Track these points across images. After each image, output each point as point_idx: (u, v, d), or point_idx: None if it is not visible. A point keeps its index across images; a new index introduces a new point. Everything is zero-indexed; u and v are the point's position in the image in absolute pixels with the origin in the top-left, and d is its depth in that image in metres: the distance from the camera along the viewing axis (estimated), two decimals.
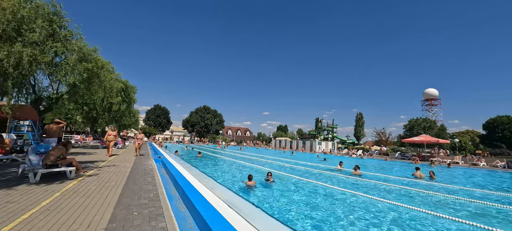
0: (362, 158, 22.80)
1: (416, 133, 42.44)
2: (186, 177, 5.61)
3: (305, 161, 16.16)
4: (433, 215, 4.63)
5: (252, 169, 10.62)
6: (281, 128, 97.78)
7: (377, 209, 4.99)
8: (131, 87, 27.70)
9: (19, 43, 7.25)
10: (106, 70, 14.35)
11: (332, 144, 37.78)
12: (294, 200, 5.56)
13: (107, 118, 26.58)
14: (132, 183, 5.06)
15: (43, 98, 13.67)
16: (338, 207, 5.16)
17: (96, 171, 6.34)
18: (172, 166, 7.45)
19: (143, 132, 50.60)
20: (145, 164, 8.42)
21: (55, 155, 5.31)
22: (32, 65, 7.58)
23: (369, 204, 5.39)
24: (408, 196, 6.61)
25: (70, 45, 8.82)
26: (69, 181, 4.91)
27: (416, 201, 5.99)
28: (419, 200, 6.10)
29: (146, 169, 7.27)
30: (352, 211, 4.83)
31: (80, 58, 9.01)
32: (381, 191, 6.97)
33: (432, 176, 9.06)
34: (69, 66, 8.76)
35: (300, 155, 24.06)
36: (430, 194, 6.74)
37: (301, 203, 5.35)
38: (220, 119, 61.96)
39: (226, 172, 9.72)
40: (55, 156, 5.28)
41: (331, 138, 51.51)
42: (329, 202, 5.49)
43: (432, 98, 69.97)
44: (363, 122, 75.30)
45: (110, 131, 9.81)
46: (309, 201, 5.49)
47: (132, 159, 10.15)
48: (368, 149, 30.38)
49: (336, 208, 5.04)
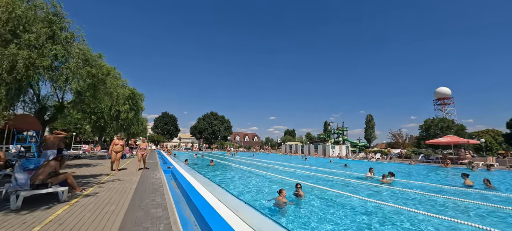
0: (382, 162, 21.21)
1: (433, 133, 40.08)
2: (204, 196, 4.55)
3: (323, 167, 14.84)
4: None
5: (270, 180, 9.48)
6: (288, 132, 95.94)
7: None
8: (138, 95, 27.22)
9: (13, 45, 6.50)
10: (112, 77, 13.69)
11: (346, 148, 36.06)
12: (339, 222, 4.39)
13: (115, 127, 26.07)
14: (137, 207, 4.04)
15: (47, 107, 13.09)
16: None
17: (96, 189, 5.38)
18: (185, 180, 6.42)
19: (150, 140, 49.82)
20: (153, 177, 7.44)
21: (45, 172, 4.37)
22: (29, 70, 6.81)
23: (440, 225, 4.17)
24: (472, 211, 5.31)
25: (71, 48, 8.07)
26: (60, 205, 3.94)
27: (489, 220, 4.70)
28: (495, 219, 4.81)
29: (154, 184, 6.26)
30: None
31: (82, 61, 8.22)
32: (435, 205, 5.69)
33: (488, 184, 7.64)
34: (70, 71, 8.00)
35: (313, 161, 22.68)
36: (501, 209, 5.41)
37: (349, 226, 4.18)
38: (228, 125, 61.11)
39: (245, 183, 8.60)
40: (45, 173, 4.35)
41: (342, 141, 49.67)
42: (389, 225, 4.29)
43: (444, 97, 66.89)
44: (373, 124, 72.74)
45: (117, 140, 8.32)
46: (356, 222, 4.32)
47: (140, 170, 9.22)
48: (386, 152, 28.59)
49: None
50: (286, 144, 49.43)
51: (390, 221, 4.47)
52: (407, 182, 9.31)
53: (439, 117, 48.67)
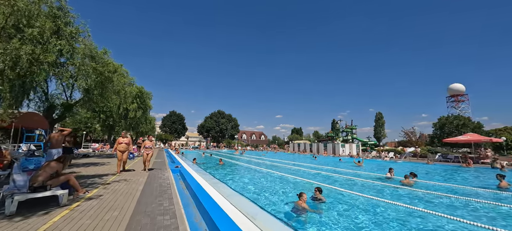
0: (396, 161, 20.29)
1: (448, 132, 38.44)
2: (217, 201, 4.09)
3: (336, 167, 14.18)
4: None
5: (284, 180, 8.97)
6: (295, 131, 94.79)
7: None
8: (146, 93, 27.24)
9: (16, 40, 6.25)
10: (119, 74, 13.50)
11: (356, 146, 35.04)
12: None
13: (124, 126, 26.19)
14: (143, 213, 3.62)
15: (56, 106, 13.03)
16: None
17: (100, 191, 5.02)
18: (194, 181, 6.00)
19: (158, 139, 50.05)
20: (161, 178, 7.07)
21: (46, 173, 4.02)
22: (33, 65, 6.55)
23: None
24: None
25: (76, 43, 7.80)
26: (59, 210, 3.57)
27: None
28: None
29: (162, 186, 5.87)
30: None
31: (87, 56, 7.93)
32: (475, 211, 5.03)
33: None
34: (76, 67, 7.74)
35: (323, 159, 21.99)
36: None
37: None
38: (235, 124, 60.88)
39: (257, 184, 8.12)
40: (45, 175, 4.00)
41: (351, 139, 48.49)
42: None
43: (458, 93, 63.92)
44: (383, 122, 70.69)
45: (121, 139, 7.52)
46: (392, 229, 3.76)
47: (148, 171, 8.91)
48: (400, 151, 27.44)
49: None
50: (294, 143, 48.69)
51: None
52: (431, 184, 8.59)
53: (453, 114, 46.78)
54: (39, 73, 6.78)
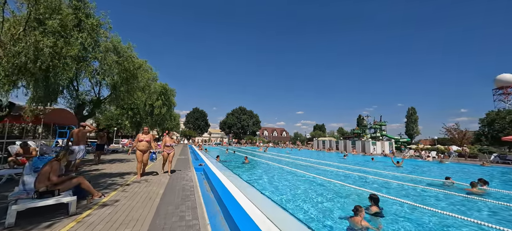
0: (442, 162, 17.74)
1: (500, 128, 33.43)
2: (251, 215, 3.20)
3: (370, 167, 12.57)
4: None
5: (323, 186, 7.85)
6: (318, 127, 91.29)
7: None
8: (170, 90, 27.65)
9: (38, 32, 5.99)
10: (143, 70, 13.38)
11: (389, 144, 32.10)
12: None
13: (150, 122, 26.91)
14: (163, 224, 2.87)
15: (86, 103, 13.34)
16: None
17: (118, 194, 4.45)
18: (220, 184, 5.21)
19: (183, 135, 50.92)
20: (184, 178, 6.44)
21: (42, 178, 3.45)
22: (54, 59, 6.29)
23: None
24: None
25: (99, 37, 7.48)
26: (65, 221, 2.97)
27: None
28: None
29: (185, 189, 5.18)
30: None
31: (109, 49, 7.57)
32: None
33: None
34: (99, 61, 7.44)
35: (353, 158, 20.20)
36: None
37: None
38: (257, 120, 60.30)
39: (293, 189, 7.12)
40: (42, 180, 3.43)
41: (380, 136, 44.90)
42: None
43: (507, 85, 55.22)
44: (416, 117, 64.73)
45: (142, 135, 6.28)
46: None
47: None
48: (443, 150, 24.23)
49: None
50: (318, 140, 46.58)
51: None
52: (506, 193, 6.82)
53: (504, 109, 40.68)
54: (63, 69, 6.53)
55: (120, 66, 11.84)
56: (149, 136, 6.46)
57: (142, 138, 6.32)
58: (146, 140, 6.34)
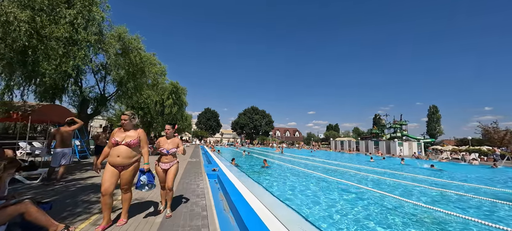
0: (492, 166, 15.08)
1: None
2: None
3: (413, 173, 10.46)
4: None
5: (371, 200, 6.03)
6: (332, 127, 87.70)
7: None
8: (181, 89, 26.57)
9: (6, 2, 4.69)
10: (150, 63, 12.12)
11: (417, 145, 29.22)
12: None
13: (161, 122, 25.96)
14: None
15: (89, 100, 12.29)
16: None
17: (92, 226, 2.94)
18: (244, 204, 3.56)
19: (194, 135, 49.27)
20: (195, 191, 4.89)
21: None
22: (32, 38, 4.99)
23: None
24: None
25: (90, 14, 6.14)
26: None
27: None
28: None
29: (193, 212, 3.60)
30: None
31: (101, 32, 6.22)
32: None
33: None
34: (92, 45, 6.12)
35: (380, 161, 17.95)
36: None
37: None
38: (269, 120, 58.48)
39: (330, 203, 5.41)
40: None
41: (401, 136, 41.63)
42: None
43: None
44: (438, 116, 60.19)
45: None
46: None
47: (178, 174, 6.92)
48: (487, 152, 21.20)
49: None
50: (336, 140, 44.05)
51: None
52: None
53: None
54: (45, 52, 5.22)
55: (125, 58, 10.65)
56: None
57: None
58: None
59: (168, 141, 3.54)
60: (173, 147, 3.51)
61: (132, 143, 2.90)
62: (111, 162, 2.82)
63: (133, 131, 3.03)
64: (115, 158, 2.81)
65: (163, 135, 3.69)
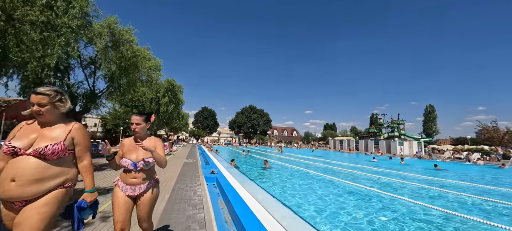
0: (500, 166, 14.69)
1: None
2: None
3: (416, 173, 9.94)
4: None
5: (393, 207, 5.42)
6: (329, 127, 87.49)
7: None
8: (177, 86, 25.73)
9: None
10: (143, 58, 11.34)
11: (418, 144, 28.93)
12: None
13: (157, 121, 25.10)
14: None
15: (77, 96, 11.46)
16: None
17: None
18: (249, 215, 2.89)
19: (191, 134, 48.28)
20: (191, 203, 4.22)
21: None
22: (1, 21, 4.25)
23: None
24: None
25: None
26: None
27: None
28: None
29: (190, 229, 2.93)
30: None
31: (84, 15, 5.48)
32: None
33: None
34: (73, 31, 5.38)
35: (382, 161, 17.48)
36: None
37: None
38: (267, 119, 57.88)
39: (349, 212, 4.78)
40: None
41: (398, 136, 41.44)
42: None
43: None
44: (435, 116, 60.70)
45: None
46: None
47: (173, 177, 6.25)
48: (489, 151, 20.95)
49: None
50: (335, 140, 43.66)
51: None
52: None
53: None
54: (15, 37, 4.48)
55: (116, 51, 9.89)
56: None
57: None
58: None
59: (136, 146, 1.98)
60: (147, 156, 1.94)
61: (51, 150, 1.38)
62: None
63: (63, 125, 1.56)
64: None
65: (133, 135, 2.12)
